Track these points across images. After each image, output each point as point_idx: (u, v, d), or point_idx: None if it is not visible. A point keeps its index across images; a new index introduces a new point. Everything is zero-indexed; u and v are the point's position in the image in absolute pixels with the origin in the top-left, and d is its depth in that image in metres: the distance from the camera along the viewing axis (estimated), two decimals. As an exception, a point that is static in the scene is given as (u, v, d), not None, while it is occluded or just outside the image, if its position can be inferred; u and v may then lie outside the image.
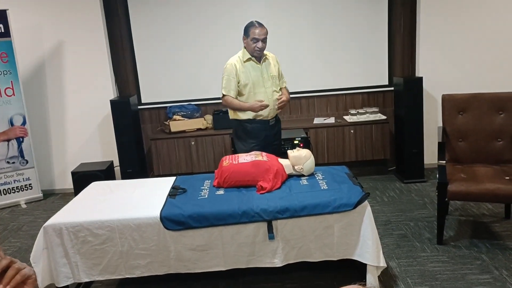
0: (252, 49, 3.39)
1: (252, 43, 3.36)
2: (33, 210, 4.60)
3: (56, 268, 2.60)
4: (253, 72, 3.44)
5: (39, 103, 4.92)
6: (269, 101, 3.44)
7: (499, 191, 3.01)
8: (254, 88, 3.43)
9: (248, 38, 3.39)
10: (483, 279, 2.76)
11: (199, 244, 2.58)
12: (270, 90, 3.47)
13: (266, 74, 3.48)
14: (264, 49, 3.44)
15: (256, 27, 3.36)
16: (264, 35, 3.38)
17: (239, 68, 3.42)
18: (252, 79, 3.42)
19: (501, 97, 3.43)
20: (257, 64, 3.46)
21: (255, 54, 3.42)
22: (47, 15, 4.71)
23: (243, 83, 3.42)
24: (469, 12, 4.62)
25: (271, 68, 3.53)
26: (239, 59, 3.46)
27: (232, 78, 3.42)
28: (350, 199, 2.58)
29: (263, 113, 3.45)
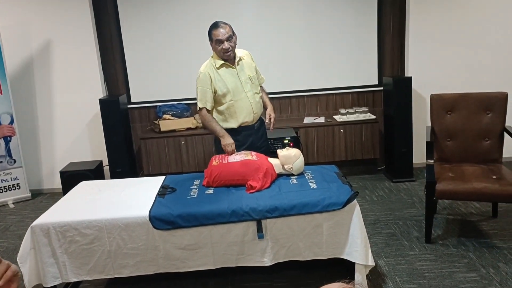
0: (219, 52, 3.11)
1: (218, 46, 3.09)
2: (21, 210, 4.56)
3: (43, 268, 2.58)
4: (230, 78, 3.16)
5: (27, 102, 4.87)
6: (251, 105, 3.21)
7: (486, 190, 3.04)
8: (234, 96, 3.16)
9: (212, 42, 3.13)
10: (470, 277, 2.79)
11: (188, 244, 2.58)
12: (251, 94, 3.21)
13: (244, 76, 3.21)
14: (232, 49, 3.12)
15: (216, 28, 3.08)
16: (227, 34, 3.07)
17: (213, 76, 3.13)
18: (231, 86, 3.15)
19: (488, 97, 3.47)
20: (232, 68, 3.19)
21: (224, 57, 3.13)
22: (35, 13, 4.67)
23: (221, 92, 3.14)
24: (458, 13, 4.67)
25: (247, 68, 3.26)
26: (211, 66, 3.17)
27: (207, 89, 3.14)
28: (339, 198, 2.59)
29: (248, 119, 3.23)
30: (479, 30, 4.70)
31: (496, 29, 4.69)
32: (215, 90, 3.15)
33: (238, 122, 3.23)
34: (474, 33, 4.70)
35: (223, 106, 3.20)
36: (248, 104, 3.21)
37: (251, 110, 3.23)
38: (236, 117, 3.21)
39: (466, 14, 4.67)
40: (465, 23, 4.69)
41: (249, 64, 3.30)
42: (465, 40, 4.72)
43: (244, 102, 3.20)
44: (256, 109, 3.27)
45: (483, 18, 4.67)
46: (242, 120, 3.23)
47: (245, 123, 3.25)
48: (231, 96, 3.16)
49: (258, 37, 4.88)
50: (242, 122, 3.24)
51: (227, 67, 3.19)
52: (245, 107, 3.20)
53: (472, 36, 4.71)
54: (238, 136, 3.25)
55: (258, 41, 4.89)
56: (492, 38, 4.71)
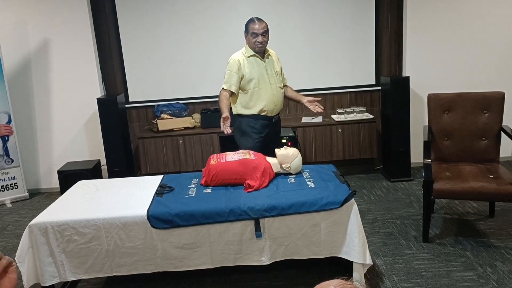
0: (252, 44, 3.41)
1: (252, 38, 3.39)
2: (18, 210, 4.55)
3: (41, 267, 2.58)
4: (258, 68, 3.45)
5: (24, 101, 4.86)
6: (273, 96, 3.47)
7: (483, 189, 3.05)
8: (259, 84, 3.43)
9: (248, 34, 3.42)
10: (468, 276, 2.80)
11: (186, 243, 2.58)
12: (275, 87, 3.48)
13: (270, 70, 3.49)
14: (265, 44, 3.43)
15: (254, 23, 3.38)
16: (263, 29, 3.37)
17: (242, 63, 3.42)
18: (257, 74, 3.43)
19: (485, 97, 3.48)
20: (260, 60, 3.47)
21: (256, 49, 3.42)
22: (33, 12, 4.66)
23: (248, 78, 3.42)
24: (455, 13, 4.68)
25: (274, 65, 3.55)
26: (242, 54, 3.47)
27: (234, 73, 3.40)
28: (337, 197, 2.59)
29: (268, 108, 3.46)
30: (476, 30, 4.71)
31: (493, 29, 4.71)
32: (243, 75, 3.42)
33: (259, 108, 3.45)
34: (471, 33, 4.72)
35: (248, 92, 3.45)
36: (271, 94, 3.46)
37: (272, 100, 3.47)
38: (258, 103, 3.45)
39: (463, 14, 4.68)
40: (462, 23, 4.70)
41: (276, 62, 3.58)
42: (462, 40, 4.73)
43: (267, 91, 3.45)
44: (277, 102, 3.51)
45: (480, 18, 4.69)
46: (263, 107, 3.46)
47: (264, 111, 3.48)
48: (256, 83, 3.42)
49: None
50: (262, 109, 3.46)
51: (257, 58, 3.46)
52: (268, 96, 3.45)
53: (469, 36, 4.72)
54: (256, 124, 3.49)
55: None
56: (489, 38, 4.73)
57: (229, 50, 4.85)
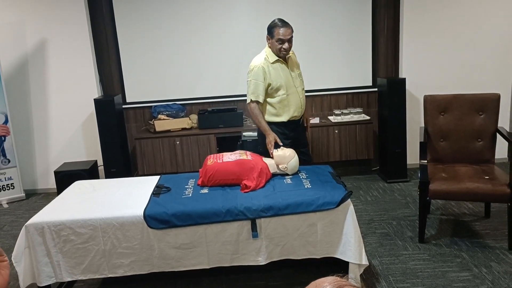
0: (277, 50, 3.24)
1: (278, 44, 3.21)
2: (15, 210, 4.54)
3: (38, 268, 2.58)
4: (283, 72, 3.30)
5: (21, 102, 4.86)
6: (300, 100, 3.39)
7: (479, 190, 3.07)
8: (287, 90, 3.31)
9: (273, 38, 3.23)
10: (463, 276, 2.81)
11: (183, 243, 2.58)
12: (300, 89, 3.40)
13: (294, 73, 3.39)
14: (290, 50, 3.29)
15: (281, 27, 3.19)
16: (289, 35, 3.21)
17: (267, 70, 3.26)
18: (284, 80, 3.30)
19: (481, 98, 3.50)
20: (284, 65, 3.33)
21: (280, 55, 3.28)
22: (30, 12, 4.66)
23: (275, 86, 3.28)
24: (451, 15, 4.71)
25: (297, 66, 3.46)
26: (265, 60, 3.28)
27: (260, 82, 3.25)
28: (333, 198, 2.61)
29: (297, 113, 3.39)
30: (472, 32, 4.74)
31: (489, 31, 4.74)
32: (269, 83, 3.27)
33: (289, 115, 3.36)
34: (468, 35, 4.75)
35: (276, 99, 3.33)
36: (298, 99, 3.37)
37: (300, 104, 3.39)
38: (288, 110, 3.36)
39: (459, 16, 4.71)
40: (459, 25, 4.73)
41: (296, 63, 3.48)
42: (458, 42, 4.76)
43: (295, 96, 3.36)
44: (303, 104, 3.44)
45: (476, 20, 4.71)
46: (293, 114, 3.37)
47: (294, 117, 3.40)
48: (285, 90, 3.31)
49: (253, 38, 4.89)
50: (292, 116, 3.37)
51: (280, 63, 3.33)
52: (296, 101, 3.36)
53: (465, 38, 4.75)
54: (286, 129, 3.41)
55: (253, 42, 4.90)
56: (485, 39, 4.75)
57: (227, 51, 4.90)
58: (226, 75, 4.97)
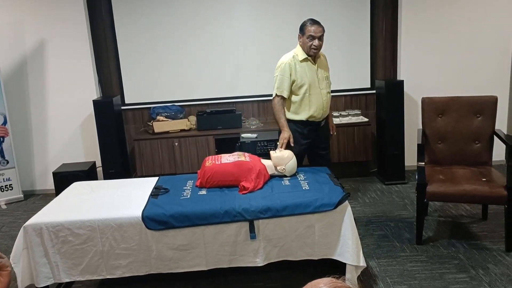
0: (308, 47, 3.28)
1: (308, 41, 3.26)
2: (13, 211, 4.54)
3: (36, 268, 2.58)
4: (310, 72, 3.33)
5: (20, 103, 4.86)
6: (323, 102, 3.38)
7: (476, 192, 3.08)
8: (310, 90, 3.33)
9: (304, 36, 3.29)
10: (460, 278, 2.82)
11: (181, 244, 2.59)
12: (324, 92, 3.39)
13: (321, 74, 3.40)
14: (320, 48, 3.32)
15: (312, 25, 3.26)
16: (320, 33, 3.27)
17: (294, 67, 3.31)
18: (309, 80, 3.32)
19: (478, 101, 3.51)
20: (312, 64, 3.36)
21: (311, 53, 3.30)
22: (29, 12, 4.66)
23: (299, 83, 3.31)
24: (449, 17, 4.73)
25: (325, 69, 3.48)
26: (293, 58, 3.33)
27: (286, 78, 3.30)
28: (331, 199, 2.61)
29: (317, 114, 3.38)
30: (470, 35, 4.76)
31: (487, 34, 4.75)
32: (294, 80, 3.31)
33: (308, 114, 3.37)
34: (465, 38, 4.76)
35: (298, 97, 3.36)
36: (320, 100, 3.37)
37: (321, 106, 3.39)
38: (308, 109, 3.36)
39: (457, 18, 4.73)
40: (457, 28, 4.75)
41: (325, 65, 3.51)
42: (456, 44, 4.78)
43: (317, 97, 3.36)
44: (326, 107, 3.44)
45: (474, 23, 4.73)
46: (312, 114, 3.37)
47: (313, 117, 3.39)
48: (308, 88, 3.32)
49: (252, 40, 4.91)
50: (311, 115, 3.38)
51: (309, 62, 3.35)
52: (317, 102, 3.36)
53: (463, 40, 4.77)
54: (304, 129, 3.43)
55: (252, 43, 4.92)
56: (483, 42, 4.77)
57: (226, 53, 4.91)
58: (225, 76, 4.98)
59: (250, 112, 5.12)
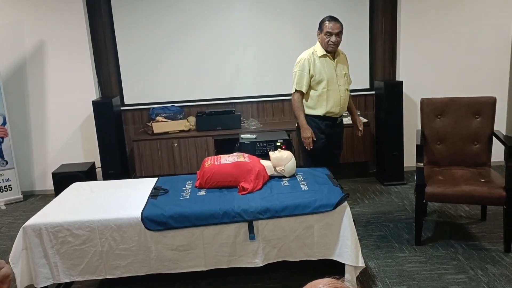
0: (326, 43, 3.36)
1: (326, 37, 3.35)
2: (12, 212, 4.54)
3: (35, 269, 2.58)
4: (328, 68, 3.41)
5: (19, 103, 4.86)
6: (340, 99, 3.45)
7: (475, 192, 3.08)
8: (328, 85, 3.41)
9: (322, 32, 3.38)
10: (459, 278, 2.82)
11: (180, 244, 2.59)
12: (342, 88, 3.47)
13: (340, 71, 3.47)
14: (338, 44, 3.40)
15: (330, 21, 3.35)
16: (337, 29, 3.34)
17: (313, 63, 3.39)
18: (327, 76, 3.40)
19: (477, 102, 3.52)
20: (331, 61, 3.44)
21: (329, 49, 3.38)
22: (29, 13, 4.66)
23: (318, 79, 3.40)
24: (448, 18, 4.74)
25: (345, 66, 3.55)
26: (312, 54, 3.42)
27: (305, 73, 3.39)
28: (330, 200, 2.62)
29: (334, 110, 3.46)
30: (469, 36, 4.77)
31: (485, 34, 4.76)
32: (313, 75, 3.39)
33: (325, 109, 3.45)
34: (464, 38, 4.77)
35: (316, 93, 3.43)
36: (338, 96, 3.44)
37: (339, 102, 3.45)
38: (325, 105, 3.44)
39: (456, 19, 4.74)
40: (455, 29, 4.75)
41: (345, 62, 3.57)
42: (455, 45, 4.78)
43: (335, 93, 3.43)
44: (343, 103, 3.51)
45: (473, 24, 4.74)
46: (329, 109, 3.44)
47: (330, 113, 3.47)
48: (326, 84, 3.40)
49: (251, 41, 4.92)
50: (328, 110, 3.45)
51: (328, 58, 3.42)
52: (335, 98, 3.43)
53: (462, 41, 4.78)
54: (321, 124, 3.50)
55: (251, 45, 4.93)
56: (482, 43, 4.78)
57: (225, 54, 4.91)
58: (224, 77, 4.98)
59: (250, 113, 5.12)
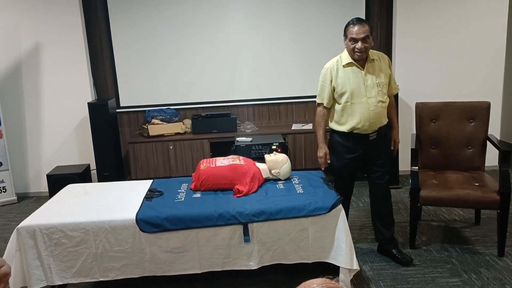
0: (351, 50, 2.88)
1: (351, 44, 2.86)
2: (6, 213, 4.51)
3: (28, 271, 2.57)
4: (354, 79, 2.91)
5: (14, 105, 4.84)
6: (369, 113, 2.90)
7: (469, 197, 3.10)
8: (352, 98, 2.90)
9: (346, 38, 2.91)
10: (453, 282, 2.83)
11: (175, 247, 2.59)
12: (373, 101, 2.90)
13: (371, 80, 2.91)
14: (366, 51, 2.87)
15: (354, 25, 2.87)
16: (363, 34, 2.82)
17: (335, 73, 2.95)
18: (351, 87, 2.90)
19: (471, 106, 3.54)
20: (359, 70, 2.92)
21: (355, 57, 2.89)
22: (25, 16, 4.66)
23: (340, 91, 2.92)
24: (443, 24, 4.77)
25: (378, 73, 2.94)
26: (337, 63, 2.98)
27: (326, 85, 2.98)
28: (325, 203, 2.63)
29: (362, 126, 2.93)
30: (463, 41, 4.80)
31: (480, 40, 4.80)
32: (334, 87, 2.96)
33: (349, 126, 2.96)
34: (459, 44, 4.81)
35: (339, 107, 2.98)
36: (366, 110, 2.91)
37: (367, 117, 2.91)
38: (350, 120, 2.95)
39: (451, 25, 4.77)
40: (450, 34, 4.79)
41: (383, 69, 2.98)
42: (450, 50, 4.82)
43: (362, 107, 2.91)
44: (374, 118, 2.93)
45: (467, 29, 4.78)
46: (354, 126, 2.94)
47: (356, 129, 2.96)
48: (349, 97, 2.91)
49: (248, 45, 4.93)
50: (354, 126, 2.94)
51: (354, 67, 2.94)
52: (361, 112, 2.91)
53: (456, 46, 4.81)
54: (348, 142, 3.02)
55: (248, 49, 4.94)
56: (476, 48, 4.81)
57: (221, 57, 4.92)
58: (220, 80, 4.99)
59: (245, 116, 5.13)
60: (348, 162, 3.07)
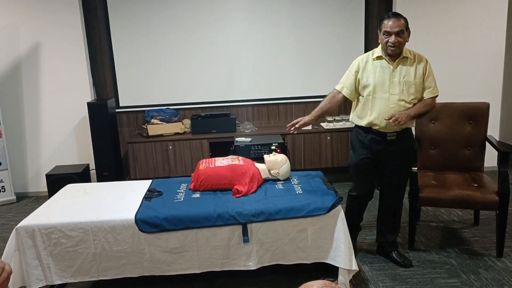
0: (384, 44, 2.82)
1: (384, 37, 2.80)
2: (5, 213, 4.51)
3: (27, 270, 2.57)
4: (380, 73, 2.85)
5: (14, 104, 4.84)
6: (389, 110, 2.82)
7: (468, 197, 3.10)
8: (375, 92, 2.85)
9: (380, 32, 2.84)
10: (452, 283, 2.84)
11: (174, 247, 2.59)
12: (395, 98, 2.82)
13: (399, 77, 2.83)
14: (399, 45, 2.79)
15: (389, 19, 2.78)
16: (398, 28, 2.74)
17: (363, 65, 2.91)
18: (375, 81, 2.84)
19: (470, 107, 3.54)
20: (388, 64, 2.85)
21: (388, 51, 2.82)
22: (25, 15, 4.65)
23: (363, 83, 2.89)
24: (442, 25, 4.78)
25: (411, 73, 2.85)
26: (367, 56, 2.94)
27: (351, 74, 2.95)
28: (324, 203, 2.63)
29: (379, 122, 2.87)
30: (462, 42, 4.81)
31: (479, 41, 4.81)
32: (359, 78, 2.93)
33: (368, 120, 2.92)
34: (458, 45, 4.81)
35: (362, 99, 2.94)
36: (386, 106, 2.84)
37: (386, 114, 2.83)
38: (369, 115, 2.91)
39: (450, 26, 4.78)
40: (449, 35, 4.80)
41: (416, 69, 2.89)
42: (449, 51, 4.82)
43: (382, 102, 2.85)
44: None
45: (466, 30, 4.79)
46: (372, 120, 2.89)
47: (374, 125, 2.91)
48: (371, 91, 2.86)
49: (247, 45, 4.94)
50: (371, 121, 2.90)
51: (384, 61, 2.88)
52: (381, 108, 2.86)
53: (455, 47, 4.82)
54: (365, 137, 2.97)
55: (247, 49, 4.95)
56: (475, 49, 4.82)
57: (221, 57, 4.93)
58: (219, 80, 5.00)
59: (245, 116, 5.13)
60: (364, 160, 2.99)
